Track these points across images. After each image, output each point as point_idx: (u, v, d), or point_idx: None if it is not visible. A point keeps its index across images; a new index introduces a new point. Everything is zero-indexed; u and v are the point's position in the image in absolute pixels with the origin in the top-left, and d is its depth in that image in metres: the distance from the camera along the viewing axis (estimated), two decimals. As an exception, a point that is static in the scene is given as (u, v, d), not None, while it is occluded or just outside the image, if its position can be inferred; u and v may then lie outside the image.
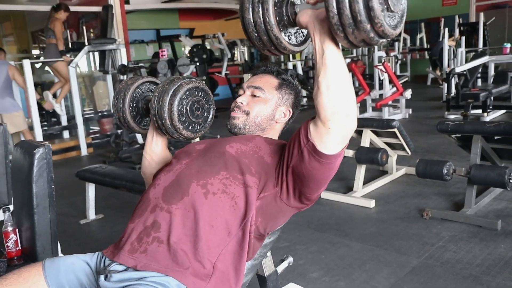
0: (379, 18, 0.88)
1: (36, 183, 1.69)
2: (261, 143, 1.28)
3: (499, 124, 2.81)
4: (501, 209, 3.03)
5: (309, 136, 1.08)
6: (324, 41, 1.01)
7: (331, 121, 1.03)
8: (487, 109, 5.98)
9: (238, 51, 12.19)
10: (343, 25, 0.91)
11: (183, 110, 1.35)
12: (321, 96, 1.03)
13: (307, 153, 1.09)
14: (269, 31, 1.05)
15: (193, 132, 1.41)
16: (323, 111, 1.03)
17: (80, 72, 7.74)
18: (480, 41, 8.69)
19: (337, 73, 1.02)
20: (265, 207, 1.19)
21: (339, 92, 1.02)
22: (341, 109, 1.03)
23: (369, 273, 2.32)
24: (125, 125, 1.52)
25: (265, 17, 1.03)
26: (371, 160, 3.41)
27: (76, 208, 3.67)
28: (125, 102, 1.47)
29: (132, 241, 1.16)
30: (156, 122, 1.36)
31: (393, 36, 0.94)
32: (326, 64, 1.01)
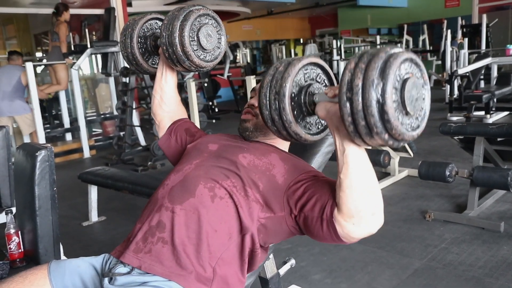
0: (396, 129, 0.83)
1: (38, 185, 1.70)
2: (276, 161, 1.22)
3: (502, 126, 2.80)
4: (504, 211, 3.02)
5: (333, 218, 1.00)
6: (344, 140, 0.94)
7: (355, 218, 0.97)
8: (490, 110, 5.96)
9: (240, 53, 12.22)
10: (359, 134, 0.86)
11: (194, 36, 1.30)
12: (343, 194, 0.96)
13: (326, 227, 1.02)
14: (287, 128, 1.02)
15: (205, 61, 1.36)
16: (345, 208, 0.97)
17: (82, 75, 7.77)
18: (483, 42, 8.68)
19: (359, 171, 0.95)
20: (269, 226, 1.15)
21: (363, 192, 0.96)
22: (365, 208, 0.96)
23: (371, 275, 2.31)
24: (134, 63, 1.48)
25: (282, 115, 1.01)
26: (373, 162, 3.41)
27: (79, 210, 3.67)
28: (133, 37, 1.43)
29: (138, 240, 1.16)
30: (167, 51, 1.32)
31: (414, 138, 0.89)
32: (347, 162, 0.95)
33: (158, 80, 1.50)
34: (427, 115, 0.92)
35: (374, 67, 0.82)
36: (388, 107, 0.81)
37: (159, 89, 1.51)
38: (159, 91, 1.51)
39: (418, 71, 0.89)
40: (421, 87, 0.88)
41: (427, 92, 0.91)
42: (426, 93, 0.91)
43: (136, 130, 5.92)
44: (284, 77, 1.01)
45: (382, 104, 0.81)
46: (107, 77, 6.34)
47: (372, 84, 0.81)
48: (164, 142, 1.53)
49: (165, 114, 1.53)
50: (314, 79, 1.09)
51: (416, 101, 0.87)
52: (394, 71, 0.82)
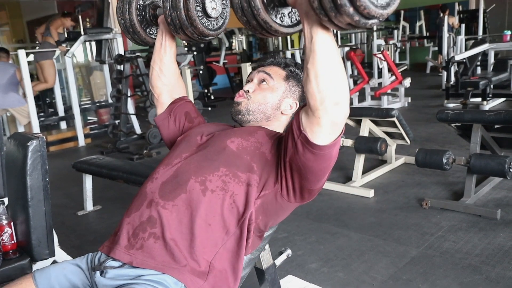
0: (361, 0, 0.80)
1: (30, 176, 1.67)
2: (262, 138, 1.22)
3: (499, 112, 2.78)
4: (500, 198, 3.02)
5: (301, 127, 1.04)
6: (313, 26, 0.94)
7: (320, 110, 0.98)
8: (487, 97, 5.94)
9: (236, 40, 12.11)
10: (324, 10, 0.83)
11: (199, 1, 1.26)
12: (310, 84, 0.97)
13: (301, 145, 1.05)
14: (256, 15, 0.99)
15: (208, 29, 1.31)
16: (312, 99, 0.98)
17: (76, 62, 7.68)
18: (480, 28, 8.63)
19: (326, 59, 0.95)
20: (265, 205, 1.15)
21: (329, 80, 0.96)
22: (330, 97, 0.97)
23: (368, 263, 2.31)
24: (131, 31, 1.44)
25: (251, 1, 0.97)
26: (370, 150, 3.39)
27: (74, 200, 3.65)
28: (131, 3, 1.38)
29: (129, 236, 1.14)
30: (170, 15, 1.27)
31: (383, 16, 0.84)
32: (315, 50, 0.95)
33: (157, 50, 1.45)
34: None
35: None
36: None
37: (158, 60, 1.46)
38: (158, 62, 1.46)
39: None
40: None
41: None
42: None
43: (131, 118, 5.87)
44: None
45: None
46: (102, 64, 6.27)
47: None
48: (161, 120, 1.49)
49: (164, 87, 1.48)
50: None
51: None
52: None
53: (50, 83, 6.04)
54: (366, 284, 2.13)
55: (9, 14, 9.03)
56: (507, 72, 6.46)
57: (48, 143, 5.67)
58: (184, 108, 1.49)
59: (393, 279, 2.14)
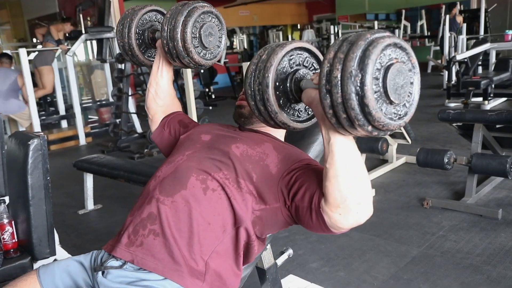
0: (379, 120, 0.79)
1: (31, 174, 1.67)
2: (269, 150, 1.18)
3: (501, 112, 2.78)
4: (501, 198, 3.02)
5: (321, 208, 0.98)
6: (330, 129, 0.91)
7: (341, 208, 0.94)
8: (488, 97, 5.93)
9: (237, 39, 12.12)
10: (342, 125, 0.83)
11: (196, 33, 1.28)
12: (329, 183, 0.94)
13: (315, 216, 1.01)
14: (274, 118, 1.01)
15: (204, 59, 1.34)
16: (331, 197, 0.94)
17: (77, 61, 7.68)
18: (482, 28, 8.61)
19: (345, 160, 0.92)
20: (264, 218, 1.13)
21: (348, 182, 0.92)
22: (351, 198, 0.93)
23: (369, 263, 2.31)
24: (129, 53, 1.46)
25: (267, 106, 0.99)
26: (371, 149, 3.39)
27: (75, 198, 3.65)
28: (131, 28, 1.40)
29: (129, 233, 1.14)
30: (167, 45, 1.29)
31: (401, 126, 0.85)
32: (333, 151, 0.92)
33: (153, 74, 1.47)
34: (416, 100, 0.87)
35: (352, 57, 0.78)
36: (368, 99, 0.77)
37: (154, 83, 1.47)
38: (154, 85, 1.47)
39: (404, 55, 0.84)
40: (407, 72, 0.84)
41: (416, 76, 0.86)
42: (414, 77, 0.86)
43: (132, 117, 5.87)
44: (267, 66, 0.98)
45: (362, 97, 0.77)
46: (103, 63, 6.27)
47: (350, 77, 0.77)
48: (157, 136, 1.50)
49: (159, 109, 1.49)
50: (300, 64, 1.06)
51: (401, 88, 0.83)
52: (374, 60, 0.78)
53: (48, 89, 6.06)
54: (367, 283, 2.13)
55: (10, 13, 9.04)
56: (508, 72, 6.44)
57: (49, 142, 5.68)
58: (177, 118, 1.50)
59: (394, 279, 2.14)
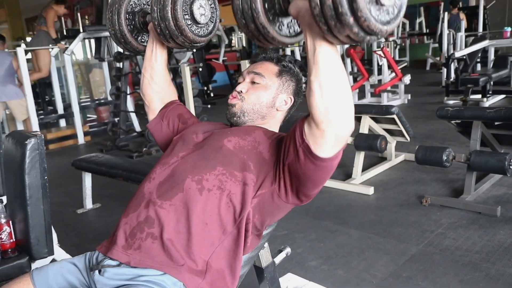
0: (362, 11, 0.78)
1: (28, 174, 1.66)
2: (260, 137, 1.21)
3: (499, 109, 2.77)
4: (500, 195, 3.01)
5: (304, 136, 1.01)
6: (315, 38, 0.92)
7: (325, 123, 0.96)
8: (487, 94, 5.93)
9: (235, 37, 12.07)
10: (325, 17, 0.82)
11: (187, 10, 1.25)
12: (313, 96, 0.95)
13: (303, 153, 1.03)
14: (255, 18, 0.97)
15: (199, 35, 1.30)
16: (316, 112, 0.96)
17: (75, 60, 7.66)
18: (480, 25, 8.60)
19: (330, 71, 0.94)
20: (262, 204, 1.14)
21: (332, 92, 0.94)
22: (335, 110, 0.95)
23: (368, 261, 2.31)
24: (122, 41, 1.43)
25: (252, 3, 0.96)
26: (370, 147, 3.39)
27: (74, 198, 3.64)
28: (120, 13, 1.37)
29: (126, 236, 1.13)
30: (159, 26, 1.25)
31: (383, 33, 0.83)
32: (318, 62, 0.93)
33: (147, 58, 1.44)
34: (402, 14, 0.86)
35: None
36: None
37: (149, 68, 1.45)
38: (149, 69, 1.45)
39: None
40: None
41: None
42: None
43: (130, 115, 5.86)
44: None
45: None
46: (101, 62, 6.24)
47: None
48: (154, 126, 1.48)
49: (155, 95, 1.47)
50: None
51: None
52: None
53: (44, 71, 5.97)
54: (366, 281, 2.12)
55: (8, 11, 9.02)
56: (507, 69, 6.44)
57: (48, 141, 5.66)
58: (177, 111, 1.48)
59: (393, 277, 2.14)
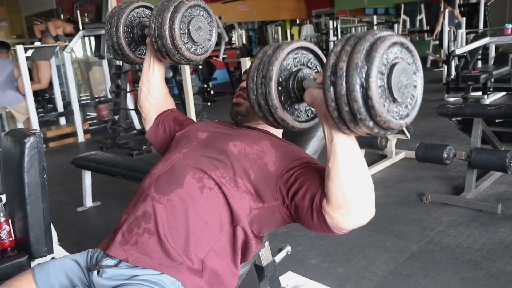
0: (381, 116, 0.78)
1: (27, 173, 1.66)
2: (267, 148, 1.17)
3: (500, 107, 2.76)
4: (501, 192, 3.01)
5: (322, 209, 0.97)
6: (333, 128, 0.91)
7: (344, 209, 0.93)
8: (488, 91, 5.92)
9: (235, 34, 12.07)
10: (344, 121, 0.82)
11: (184, 29, 1.26)
12: (331, 183, 0.93)
13: (317, 217, 0.99)
14: (273, 113, 0.99)
15: (195, 54, 1.32)
16: (334, 198, 0.94)
17: (75, 58, 7.65)
18: (481, 22, 8.58)
19: (348, 161, 0.92)
20: (262, 217, 1.12)
21: (351, 182, 0.92)
22: (354, 198, 0.93)
23: (369, 258, 2.30)
24: (119, 53, 1.44)
25: (268, 100, 0.97)
26: (370, 145, 3.38)
27: (74, 196, 3.64)
28: (119, 27, 1.38)
29: (123, 232, 1.12)
30: (156, 43, 1.27)
31: (402, 127, 0.84)
32: (335, 151, 0.92)
33: (145, 72, 1.44)
34: (419, 104, 0.86)
35: (360, 49, 0.77)
36: (372, 92, 0.77)
37: (146, 82, 1.45)
38: (146, 83, 1.45)
39: (409, 56, 0.84)
40: (412, 74, 0.84)
41: (420, 80, 0.86)
42: (418, 80, 0.85)
43: (130, 113, 5.85)
44: (272, 60, 0.97)
45: (366, 89, 0.77)
46: (100, 59, 6.24)
47: (356, 68, 0.77)
48: (152, 134, 1.49)
49: (152, 107, 1.48)
50: (305, 64, 1.05)
51: (405, 88, 0.82)
52: (381, 54, 0.77)
53: (43, 84, 6.02)
54: (366, 279, 2.12)
55: (7, 9, 8.99)
56: (508, 66, 6.42)
57: (48, 139, 5.66)
58: (171, 115, 1.48)
59: (393, 275, 2.14)
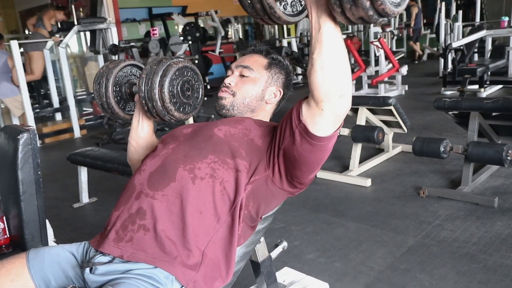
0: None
1: (21, 169, 1.64)
2: (251, 125, 1.23)
3: (497, 100, 2.75)
4: (498, 186, 3.01)
5: (301, 117, 1.03)
6: (321, 16, 0.93)
7: (324, 102, 0.98)
8: (484, 84, 5.92)
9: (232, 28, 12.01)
10: (340, 0, 0.84)
11: (173, 91, 1.29)
12: (315, 75, 0.97)
13: (299, 135, 1.04)
14: (267, 11, 0.98)
15: (185, 113, 1.35)
16: (317, 90, 0.98)
17: (70, 53, 7.61)
18: (477, 15, 8.58)
19: (333, 51, 0.95)
20: (256, 190, 1.14)
21: (334, 72, 0.96)
22: (335, 89, 0.97)
23: (366, 253, 2.30)
24: (109, 111, 1.46)
25: None
26: (367, 139, 3.37)
27: (70, 192, 3.62)
28: (108, 87, 1.41)
29: (117, 229, 1.12)
30: (146, 105, 1.29)
31: (394, 15, 0.85)
32: (322, 40, 0.94)
33: (134, 129, 1.44)
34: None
35: None
36: None
37: (135, 137, 1.44)
38: (135, 138, 1.44)
39: None
40: None
41: None
42: None
43: (126, 109, 5.82)
44: None
45: None
46: (96, 55, 6.20)
47: None
48: None
49: (142, 157, 1.44)
50: None
51: None
52: None
53: (36, 75, 5.99)
54: (364, 274, 2.12)
55: (2, 4, 8.93)
56: (504, 59, 6.43)
57: (43, 135, 5.64)
58: None
59: (391, 269, 2.14)
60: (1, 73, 5.25)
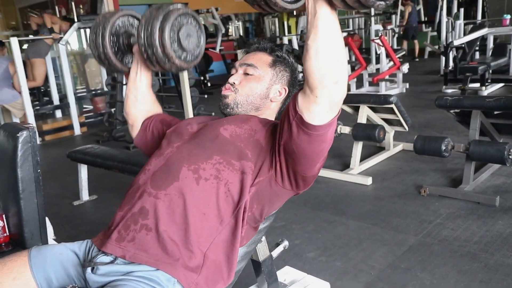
0: None
1: (21, 167, 1.63)
2: (256, 125, 1.20)
3: (499, 98, 2.74)
4: (499, 184, 3.00)
5: (297, 108, 1.02)
6: (318, 1, 0.93)
7: (319, 88, 0.97)
8: (486, 82, 5.90)
9: (232, 26, 11.98)
10: None
11: (174, 37, 1.26)
12: (310, 61, 0.96)
13: (296, 126, 1.03)
14: None
15: (185, 61, 1.32)
16: (311, 77, 0.97)
17: (70, 50, 7.59)
18: (479, 12, 8.55)
19: (329, 36, 0.94)
20: (260, 192, 1.13)
21: (329, 57, 0.95)
22: (330, 75, 0.96)
23: (366, 252, 2.29)
24: (106, 62, 1.42)
25: None
26: (368, 137, 3.36)
27: (70, 189, 3.62)
28: (105, 36, 1.36)
29: (119, 229, 1.11)
30: (145, 52, 1.26)
31: (383, 6, 0.84)
32: (317, 25, 0.93)
33: (132, 80, 1.43)
34: None
35: None
36: None
37: (133, 89, 1.44)
38: (133, 90, 1.44)
39: None
40: None
41: None
42: None
43: (127, 106, 5.80)
44: None
45: None
46: (96, 52, 6.19)
47: None
48: (140, 139, 1.47)
49: (139, 114, 1.46)
50: None
51: None
52: None
53: (38, 82, 5.97)
54: (364, 273, 2.11)
55: (2, 1, 8.90)
56: (506, 57, 6.42)
57: (44, 132, 5.63)
58: (158, 118, 1.47)
59: (392, 268, 2.13)
60: (3, 79, 5.28)
